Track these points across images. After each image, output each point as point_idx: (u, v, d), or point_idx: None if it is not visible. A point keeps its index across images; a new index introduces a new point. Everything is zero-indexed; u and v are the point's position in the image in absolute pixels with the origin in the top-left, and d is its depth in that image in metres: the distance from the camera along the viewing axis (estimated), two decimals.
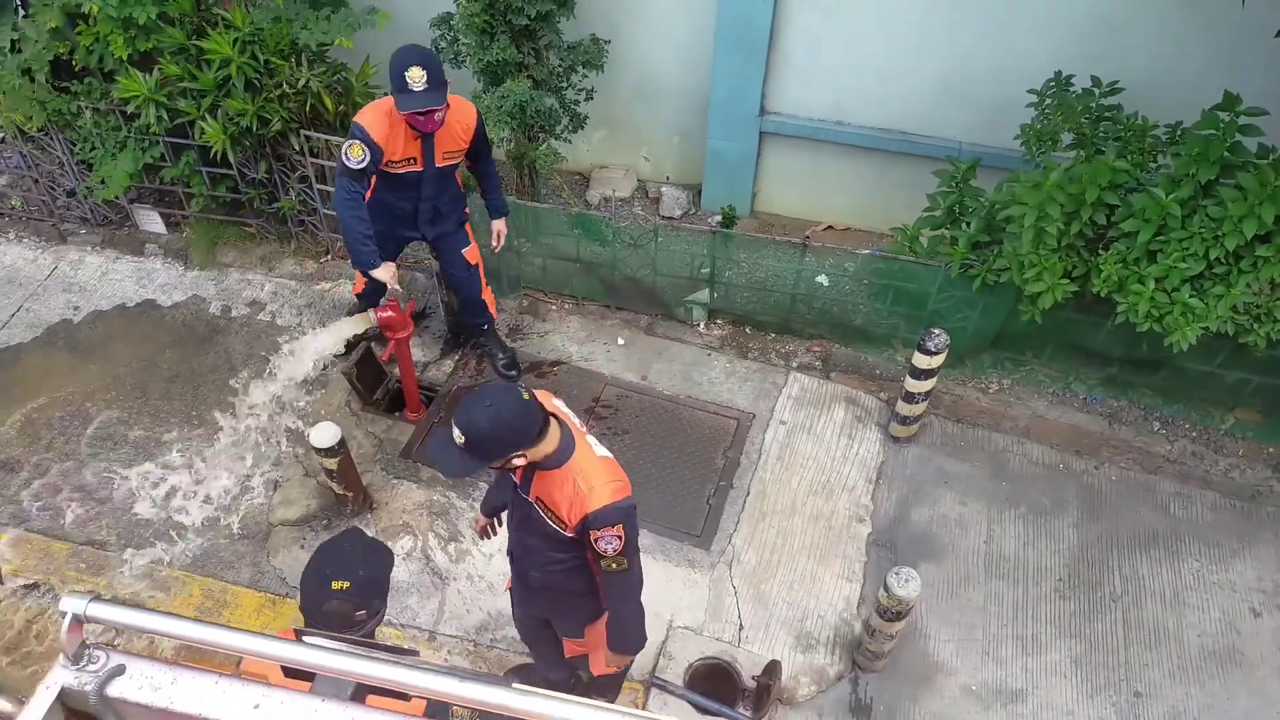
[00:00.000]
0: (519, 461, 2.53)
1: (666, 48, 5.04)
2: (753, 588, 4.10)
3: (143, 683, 1.15)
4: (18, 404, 4.74)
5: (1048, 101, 4.20)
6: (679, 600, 4.05)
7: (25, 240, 5.54)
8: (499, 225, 4.39)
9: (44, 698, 1.13)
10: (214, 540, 4.27)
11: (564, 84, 4.86)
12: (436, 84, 3.61)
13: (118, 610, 1.16)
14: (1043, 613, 4.10)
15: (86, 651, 1.17)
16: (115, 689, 1.15)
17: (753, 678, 3.75)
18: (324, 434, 3.88)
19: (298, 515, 4.33)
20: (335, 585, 2.26)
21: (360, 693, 1.30)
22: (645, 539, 4.25)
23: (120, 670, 1.16)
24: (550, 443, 2.57)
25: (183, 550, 4.24)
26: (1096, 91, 4.12)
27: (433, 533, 4.27)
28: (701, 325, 5.06)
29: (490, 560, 4.19)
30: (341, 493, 4.16)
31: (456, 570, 4.16)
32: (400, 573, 4.15)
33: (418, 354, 4.88)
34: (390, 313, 4.14)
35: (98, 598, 1.15)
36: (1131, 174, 3.86)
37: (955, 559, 4.26)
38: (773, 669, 3.66)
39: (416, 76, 3.56)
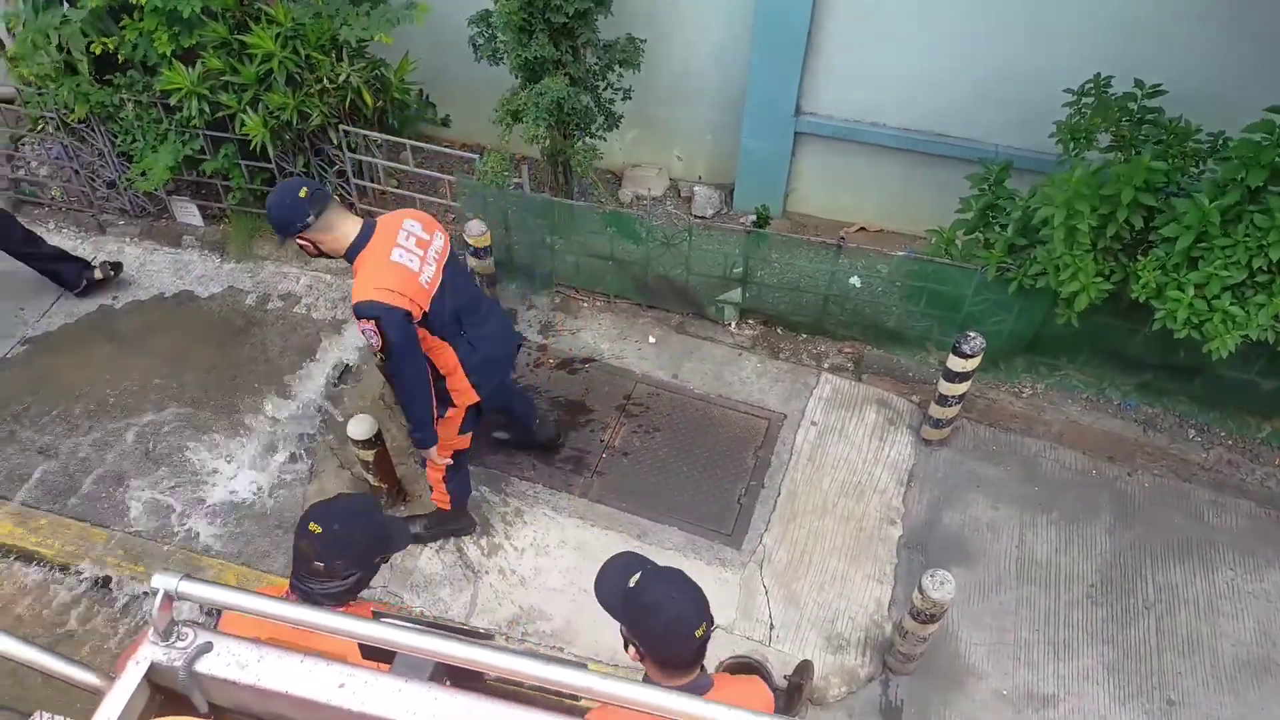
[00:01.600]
0: (303, 242, 3.29)
1: (702, 47, 5.05)
2: (783, 587, 4.10)
3: (230, 660, 1.17)
4: (56, 392, 4.81)
5: (1085, 101, 4.19)
6: (710, 598, 4.03)
7: (65, 230, 5.61)
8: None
9: (134, 673, 1.16)
10: (249, 529, 4.32)
11: (600, 82, 4.87)
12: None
13: (208, 588, 1.18)
14: (1075, 618, 4.08)
15: (175, 628, 1.19)
16: (203, 665, 1.18)
17: (784, 677, 3.75)
18: (361, 426, 3.92)
19: None
20: (310, 527, 2.33)
21: (439, 674, 1.32)
22: (676, 536, 4.28)
23: (208, 647, 1.18)
24: (338, 236, 3.27)
25: (217, 538, 4.29)
26: (1139, 93, 4.09)
27: None
28: (733, 325, 5.07)
29: (522, 555, 4.21)
30: (376, 484, 4.20)
31: (488, 564, 4.19)
32: (433, 565, 4.18)
33: None
34: None
35: (188, 576, 1.18)
36: (1169, 175, 3.83)
37: (987, 563, 4.24)
38: (804, 669, 3.66)
39: None
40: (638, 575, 2.27)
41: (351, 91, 4.57)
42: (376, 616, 1.22)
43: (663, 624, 2.18)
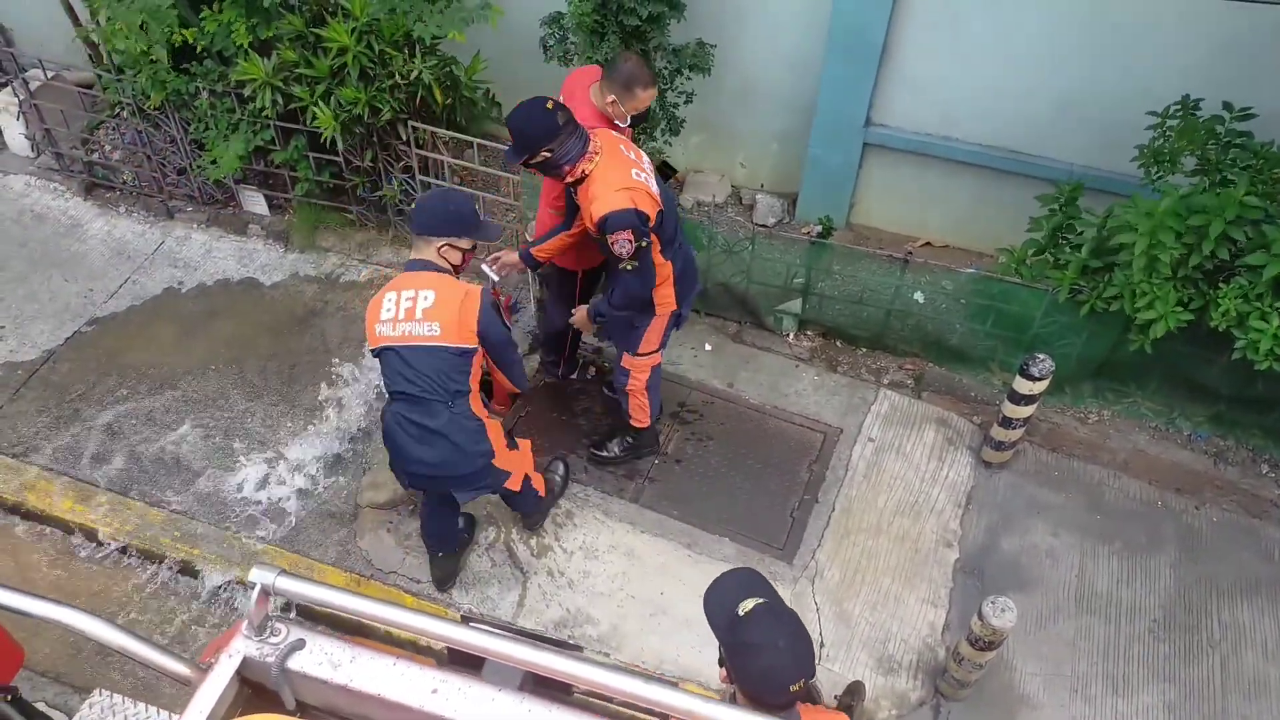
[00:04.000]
0: (543, 157, 3.40)
1: (773, 54, 5.00)
2: (835, 605, 4.04)
3: (322, 659, 1.15)
4: (121, 372, 4.89)
5: (1170, 124, 4.07)
6: None
7: (135, 214, 5.71)
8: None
9: (227, 666, 1.15)
10: (302, 518, 4.36)
11: (667, 86, 4.85)
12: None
13: (304, 584, 1.17)
14: (1135, 653, 3.96)
15: (270, 623, 1.18)
16: (295, 663, 1.16)
17: (834, 696, 3.69)
18: None
19: (385, 498, 4.39)
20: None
21: (529, 682, 1.30)
22: (727, 548, 4.23)
23: (301, 644, 1.17)
24: (571, 154, 3.42)
25: (271, 525, 4.33)
26: (1227, 116, 3.97)
27: (515, 526, 4.29)
28: (791, 336, 5.01)
29: (571, 557, 4.20)
30: None
31: (538, 565, 4.18)
32: (483, 563, 4.19)
33: None
34: None
35: (285, 571, 1.17)
36: (1262, 209, 3.70)
37: (1045, 591, 4.14)
38: (855, 689, 3.59)
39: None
40: (750, 605, 2.14)
41: (422, 88, 4.59)
42: (466, 621, 1.20)
43: (760, 669, 2.10)
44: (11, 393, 4.79)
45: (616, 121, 3.74)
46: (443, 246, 3.44)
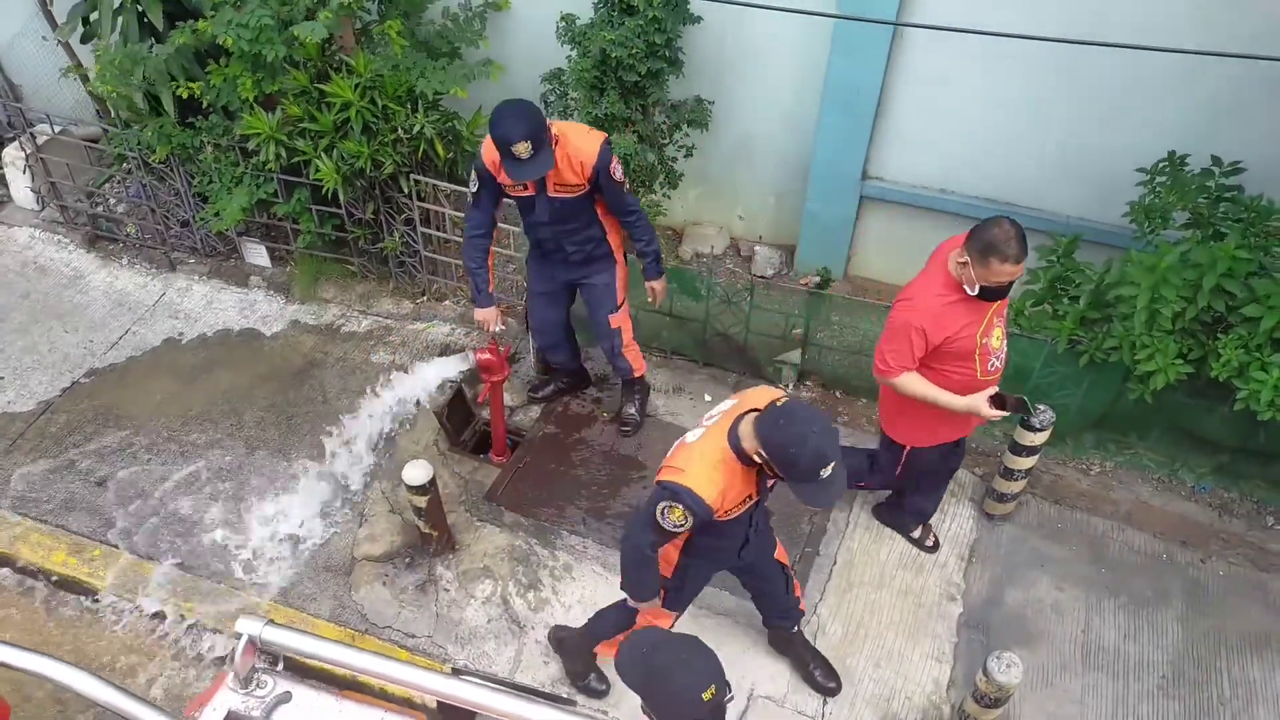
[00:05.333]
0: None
1: (770, 110, 5.08)
2: (838, 661, 3.96)
3: (309, 713, 1.12)
4: (118, 424, 4.88)
5: (1159, 180, 4.12)
6: (760, 669, 3.93)
7: (137, 266, 5.75)
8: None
9: None
10: (297, 571, 4.30)
11: (666, 141, 4.92)
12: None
13: (292, 635, 1.15)
14: (1144, 711, 3.88)
15: (255, 675, 1.15)
16: (281, 717, 1.13)
17: None
18: (417, 471, 3.90)
19: (381, 551, 4.34)
20: None
21: None
22: (727, 602, 4.16)
23: (287, 697, 1.14)
24: None
25: (266, 578, 4.27)
26: (1216, 171, 4.02)
27: (513, 579, 4.23)
28: (790, 386, 5.00)
29: (569, 611, 4.13)
30: (427, 531, 4.17)
31: (535, 619, 4.11)
32: (478, 617, 4.12)
33: (505, 398, 4.90)
34: (489, 355, 4.18)
35: (271, 622, 1.14)
36: (1254, 261, 3.73)
37: (1051, 646, 4.07)
38: None
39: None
40: (650, 643, 2.29)
41: (424, 142, 4.65)
42: (457, 674, 1.17)
43: (671, 689, 2.17)
44: (8, 444, 4.77)
45: (965, 288, 3.33)
46: None
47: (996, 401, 3.48)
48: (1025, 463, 4.15)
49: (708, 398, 4.99)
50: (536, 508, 4.48)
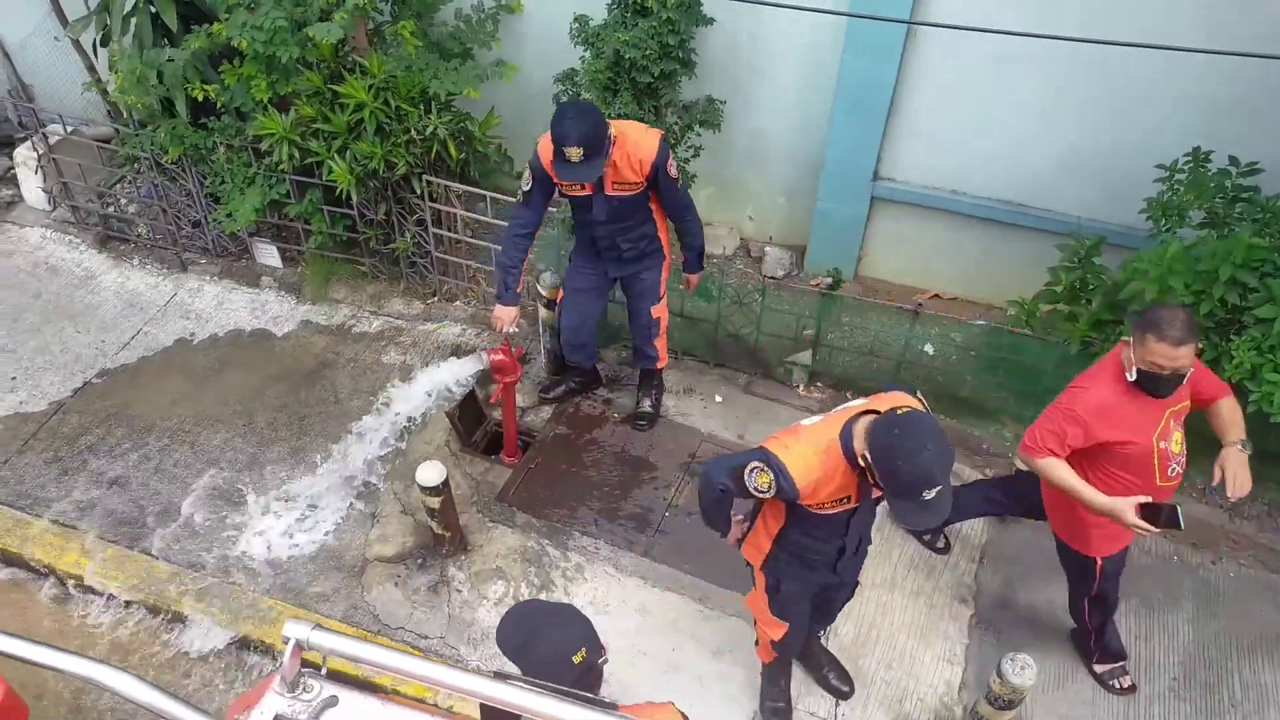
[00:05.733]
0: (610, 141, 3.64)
1: (782, 110, 5.09)
2: (850, 662, 3.96)
3: (356, 716, 1.13)
4: (130, 424, 4.89)
5: (1179, 177, 4.11)
6: None
7: (148, 267, 5.77)
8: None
9: None
10: (310, 571, 4.31)
11: (677, 141, 4.92)
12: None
13: (339, 639, 1.15)
14: (1156, 712, 3.88)
15: (302, 679, 1.16)
16: None
17: None
18: (430, 472, 3.91)
19: (393, 552, 4.35)
20: None
21: None
22: (740, 603, 4.17)
23: (334, 701, 1.15)
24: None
25: (278, 578, 4.28)
26: (1233, 171, 4.02)
27: (525, 580, 4.24)
28: (801, 387, 5.01)
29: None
30: (439, 532, 4.18)
31: None
32: (491, 618, 4.13)
33: (517, 399, 4.91)
34: (502, 356, 4.19)
35: (319, 626, 1.15)
36: (1269, 254, 3.72)
37: (1063, 648, 4.07)
38: None
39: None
40: (522, 613, 2.36)
41: (437, 143, 4.66)
42: (500, 678, 1.18)
43: (542, 654, 2.21)
44: (21, 444, 4.79)
45: (1126, 374, 3.11)
46: None
47: (1147, 512, 3.14)
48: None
49: (718, 398, 5.00)
50: (548, 508, 4.49)
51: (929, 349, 4.62)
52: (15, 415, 4.92)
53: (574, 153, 3.62)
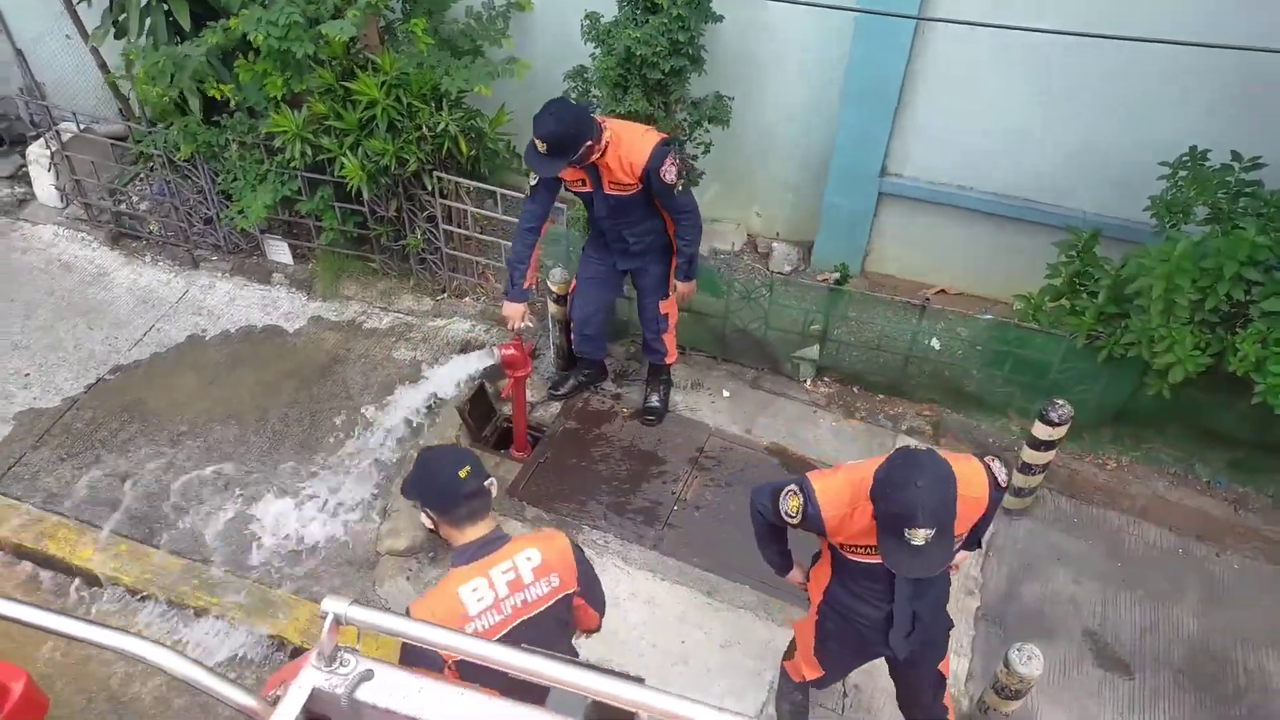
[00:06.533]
0: (588, 147, 3.67)
1: (790, 107, 5.13)
2: None
3: (391, 689, 1.17)
4: (142, 420, 4.94)
5: (1180, 174, 4.15)
6: None
7: (160, 263, 5.81)
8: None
9: (296, 698, 1.17)
10: (322, 565, 4.36)
11: (687, 138, 4.96)
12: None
13: (376, 615, 1.19)
14: (1161, 704, 3.92)
15: (339, 654, 1.20)
16: (364, 693, 1.18)
17: None
18: None
19: (405, 545, 4.40)
20: (460, 474, 2.52)
21: (594, 711, 1.30)
22: (748, 595, 4.22)
23: (369, 675, 1.19)
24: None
25: (291, 572, 4.33)
26: (1236, 166, 4.05)
27: None
28: (808, 382, 5.05)
29: None
30: None
31: None
32: None
33: (526, 394, 4.95)
34: (513, 351, 4.23)
35: (357, 601, 1.19)
36: (1273, 250, 3.76)
37: (1068, 640, 4.11)
38: None
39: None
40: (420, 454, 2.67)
41: (448, 140, 4.70)
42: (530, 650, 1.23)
43: (432, 476, 2.51)
44: (35, 440, 4.84)
45: None
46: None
47: None
48: (1043, 457, 4.19)
49: (726, 393, 5.04)
50: (558, 503, 4.54)
51: (935, 344, 4.66)
52: (30, 411, 4.97)
53: (540, 145, 3.76)
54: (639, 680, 1.20)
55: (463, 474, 2.45)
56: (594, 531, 4.44)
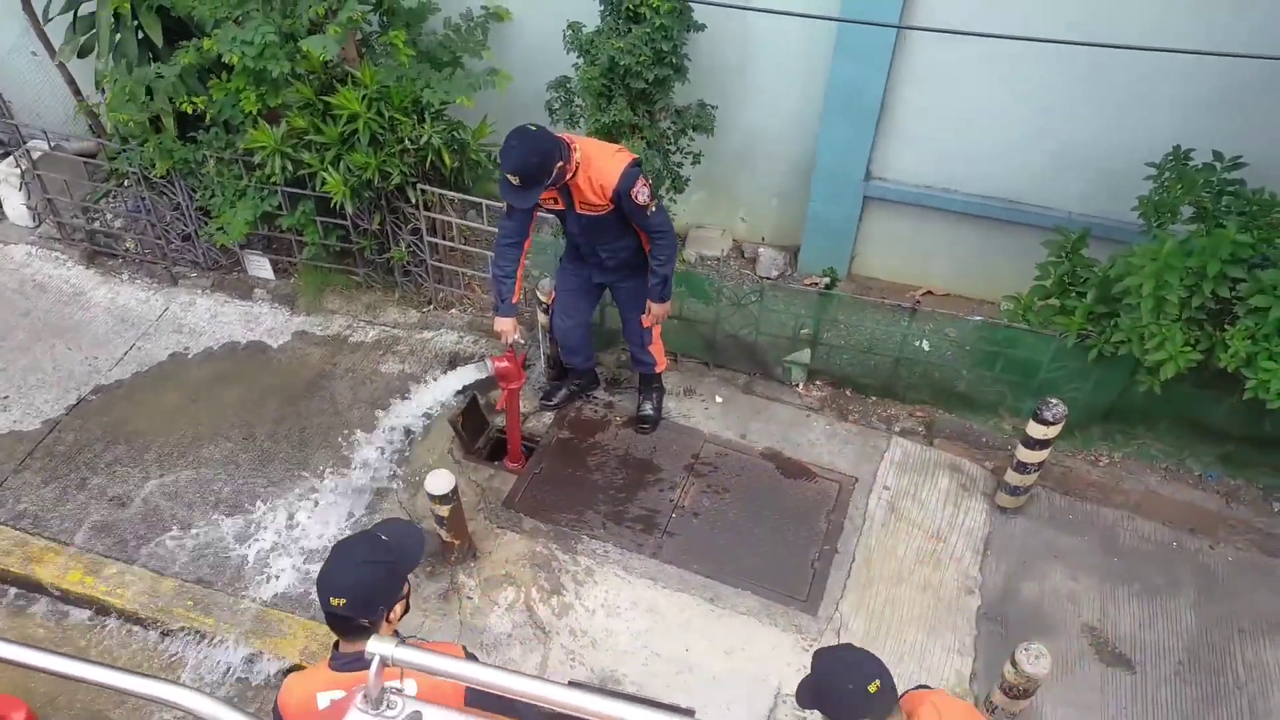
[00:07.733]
0: (559, 168, 3.64)
1: (773, 113, 5.12)
2: None
3: None
4: (127, 440, 4.84)
5: (1166, 174, 4.19)
6: (786, 667, 3.96)
7: (138, 281, 5.71)
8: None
9: None
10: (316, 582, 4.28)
11: (671, 146, 4.95)
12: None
13: (423, 655, 1.16)
14: (1163, 696, 3.95)
15: (386, 696, 1.17)
16: None
17: None
18: (439, 481, 3.91)
19: None
20: (333, 601, 2.28)
21: None
22: (749, 601, 4.20)
23: (418, 718, 1.15)
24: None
25: (287, 592, 4.25)
26: (1218, 166, 4.10)
27: (535, 585, 4.24)
28: (800, 386, 5.04)
29: (593, 615, 4.15)
30: (448, 539, 4.17)
31: (559, 625, 4.12)
32: (503, 624, 4.13)
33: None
34: (507, 363, 4.19)
35: (404, 642, 1.15)
36: (1254, 248, 3.81)
37: (1069, 636, 4.13)
38: None
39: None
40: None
41: (431, 152, 4.65)
42: (574, 686, 1.19)
43: (838, 690, 2.39)
44: (16, 464, 4.73)
45: None
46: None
47: None
48: (1038, 456, 4.21)
49: (719, 399, 5.03)
50: (555, 513, 4.50)
51: (925, 345, 4.67)
52: (10, 434, 4.86)
53: (514, 178, 3.69)
54: (689, 713, 1.16)
55: (872, 689, 2.34)
56: (593, 541, 4.40)
